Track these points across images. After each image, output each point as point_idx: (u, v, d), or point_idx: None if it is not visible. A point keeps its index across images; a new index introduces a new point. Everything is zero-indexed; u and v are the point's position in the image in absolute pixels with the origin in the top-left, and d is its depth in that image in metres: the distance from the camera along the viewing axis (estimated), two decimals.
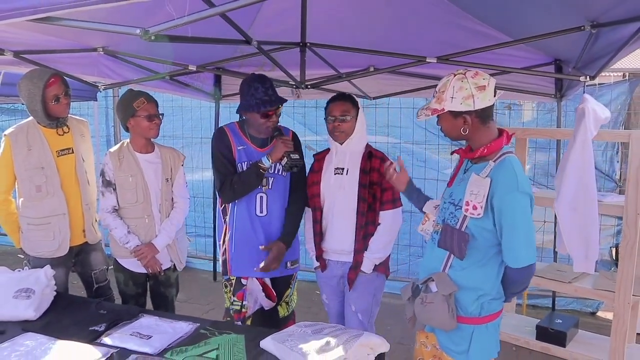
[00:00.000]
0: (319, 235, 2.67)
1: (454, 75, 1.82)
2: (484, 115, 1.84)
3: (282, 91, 4.00)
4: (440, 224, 1.96)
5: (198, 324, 2.13)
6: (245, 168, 2.55)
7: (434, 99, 1.86)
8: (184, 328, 2.10)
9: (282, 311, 2.77)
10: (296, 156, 2.48)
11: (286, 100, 2.59)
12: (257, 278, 2.61)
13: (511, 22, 2.74)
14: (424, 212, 2.20)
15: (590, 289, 3.05)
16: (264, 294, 2.62)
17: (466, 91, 1.78)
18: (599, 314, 4.42)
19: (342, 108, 2.55)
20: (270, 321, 2.71)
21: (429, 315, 1.91)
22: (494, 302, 1.92)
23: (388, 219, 2.59)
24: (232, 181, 2.54)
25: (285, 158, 2.48)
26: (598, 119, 2.34)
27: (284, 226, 2.65)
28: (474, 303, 1.89)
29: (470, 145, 1.94)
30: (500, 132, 1.91)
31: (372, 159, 2.58)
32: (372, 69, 3.60)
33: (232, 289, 2.65)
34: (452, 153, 2.06)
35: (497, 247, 1.86)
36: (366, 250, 2.57)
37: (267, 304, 2.66)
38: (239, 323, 2.57)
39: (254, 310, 2.66)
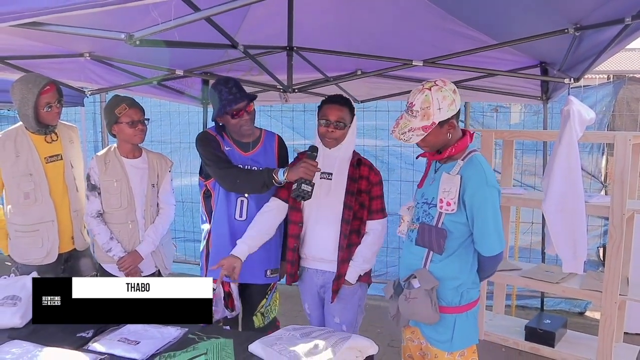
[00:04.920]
0: (295, 238, 2.55)
1: (429, 89, 1.89)
2: (458, 115, 1.99)
3: (270, 95, 4.04)
4: (416, 222, 2.07)
5: (186, 329, 2.12)
6: None
7: (418, 118, 1.91)
8: (172, 333, 2.08)
9: (258, 322, 2.71)
10: (308, 188, 2.28)
11: (255, 97, 2.54)
12: (225, 283, 2.50)
13: (496, 25, 2.76)
14: (400, 215, 2.26)
15: (578, 289, 3.08)
16: (224, 302, 2.51)
17: (449, 98, 1.90)
18: (587, 313, 4.47)
19: (338, 114, 2.41)
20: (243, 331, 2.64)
21: (413, 310, 2.00)
22: (471, 291, 2.04)
23: (378, 228, 2.51)
24: (236, 173, 2.44)
25: (295, 184, 2.30)
26: (583, 121, 2.38)
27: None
28: (454, 292, 2.00)
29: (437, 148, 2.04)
30: (464, 132, 2.04)
31: (361, 167, 2.50)
32: (359, 72, 3.59)
33: None
34: (417, 157, 2.16)
35: (470, 238, 1.98)
36: (350, 260, 2.47)
37: (229, 314, 2.56)
38: (228, 327, 2.54)
39: (221, 317, 2.54)
